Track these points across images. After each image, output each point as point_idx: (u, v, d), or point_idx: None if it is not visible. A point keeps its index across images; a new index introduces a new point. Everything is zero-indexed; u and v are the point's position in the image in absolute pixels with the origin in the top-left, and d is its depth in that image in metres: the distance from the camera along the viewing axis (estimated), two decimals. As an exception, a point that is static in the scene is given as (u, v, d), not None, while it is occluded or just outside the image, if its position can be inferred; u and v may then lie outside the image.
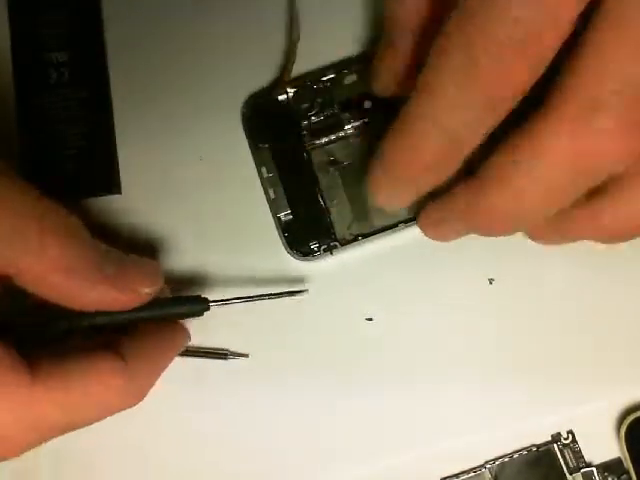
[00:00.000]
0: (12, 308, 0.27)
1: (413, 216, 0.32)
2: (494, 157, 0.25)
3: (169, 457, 0.31)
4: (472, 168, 0.26)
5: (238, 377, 0.32)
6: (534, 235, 0.30)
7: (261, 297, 0.30)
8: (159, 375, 0.28)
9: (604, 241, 0.28)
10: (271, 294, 0.30)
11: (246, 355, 0.32)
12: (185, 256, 0.32)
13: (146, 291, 0.27)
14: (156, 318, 0.28)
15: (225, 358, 0.31)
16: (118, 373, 0.25)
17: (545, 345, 0.32)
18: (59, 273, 0.25)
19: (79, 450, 0.27)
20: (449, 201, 0.28)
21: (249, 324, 0.32)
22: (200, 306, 0.29)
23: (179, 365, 0.31)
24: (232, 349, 0.32)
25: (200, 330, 0.31)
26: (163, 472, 0.31)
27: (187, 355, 0.31)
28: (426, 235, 0.31)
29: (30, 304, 0.26)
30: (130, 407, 0.26)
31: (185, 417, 0.31)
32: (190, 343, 0.31)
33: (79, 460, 0.29)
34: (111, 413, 0.26)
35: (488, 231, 0.27)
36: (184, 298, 0.29)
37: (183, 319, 0.29)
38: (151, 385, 0.27)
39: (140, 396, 0.27)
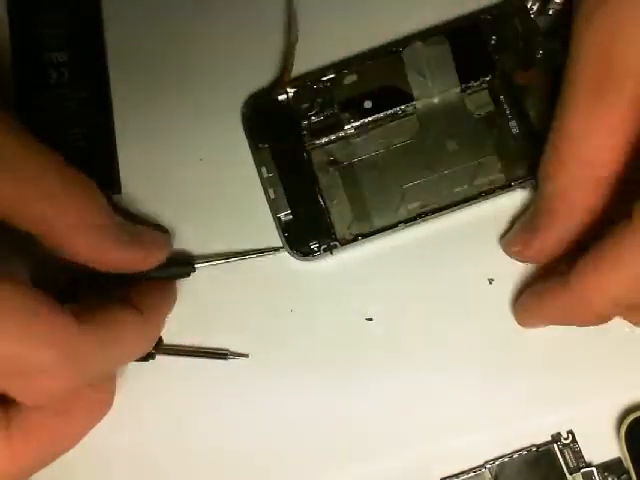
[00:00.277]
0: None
1: (413, 216, 0.32)
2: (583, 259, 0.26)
3: (169, 457, 0.31)
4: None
5: (238, 377, 0.32)
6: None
7: (243, 256, 0.32)
8: (162, 329, 0.30)
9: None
10: (249, 253, 0.32)
11: (246, 355, 0.32)
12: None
13: (152, 259, 0.29)
14: (151, 278, 0.30)
15: (225, 358, 0.31)
16: (139, 324, 0.27)
17: (545, 345, 0.32)
18: (82, 233, 0.26)
19: (79, 450, 0.27)
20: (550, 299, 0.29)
21: (249, 324, 0.32)
22: (188, 267, 0.31)
23: (179, 365, 0.31)
24: (232, 349, 0.32)
25: (200, 330, 0.32)
26: (163, 472, 0.31)
27: (187, 355, 0.31)
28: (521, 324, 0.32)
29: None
30: (141, 355, 0.29)
31: (185, 417, 0.31)
32: (190, 343, 0.31)
33: (79, 460, 0.29)
34: (129, 361, 0.29)
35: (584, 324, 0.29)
36: (173, 261, 0.31)
37: (174, 280, 0.31)
38: (156, 337, 0.30)
39: (149, 346, 0.29)
